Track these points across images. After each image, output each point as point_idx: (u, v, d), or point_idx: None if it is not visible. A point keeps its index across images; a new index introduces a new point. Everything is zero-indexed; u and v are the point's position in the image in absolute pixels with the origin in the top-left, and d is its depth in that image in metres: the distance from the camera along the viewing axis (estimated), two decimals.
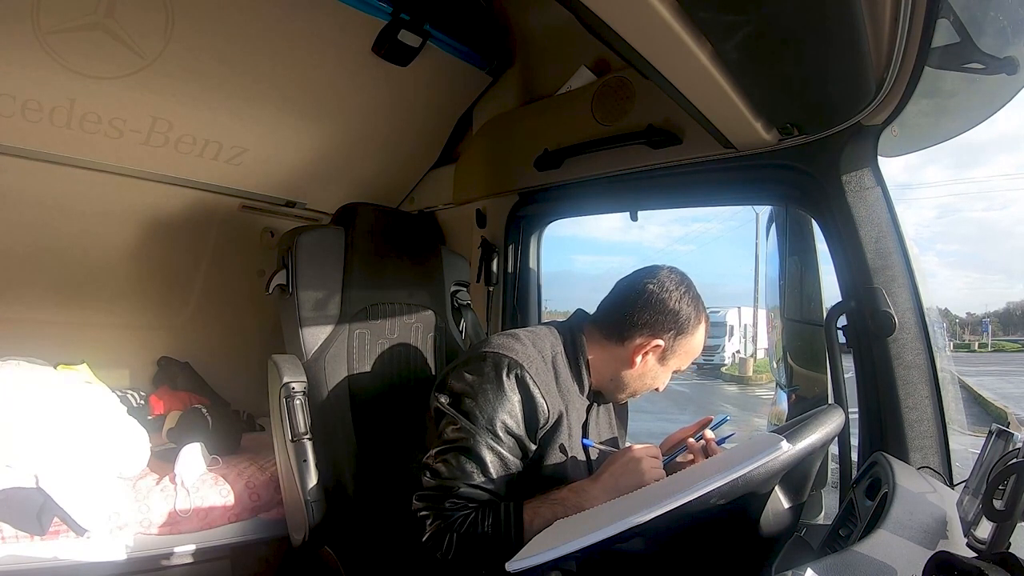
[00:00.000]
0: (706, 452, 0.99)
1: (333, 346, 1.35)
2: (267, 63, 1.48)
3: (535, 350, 1.03)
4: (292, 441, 1.27)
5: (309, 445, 1.28)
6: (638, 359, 1.06)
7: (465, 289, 1.60)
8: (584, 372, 1.08)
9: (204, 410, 1.84)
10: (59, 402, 1.52)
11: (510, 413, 0.97)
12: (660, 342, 1.05)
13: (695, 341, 1.08)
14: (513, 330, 1.09)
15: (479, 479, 0.95)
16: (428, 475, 0.98)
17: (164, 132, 1.59)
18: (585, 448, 1.09)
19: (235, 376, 2.26)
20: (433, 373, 1.45)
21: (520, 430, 0.98)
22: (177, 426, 1.81)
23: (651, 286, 1.06)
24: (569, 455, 1.05)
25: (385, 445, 1.34)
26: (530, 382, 0.98)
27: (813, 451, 0.82)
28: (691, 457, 1.01)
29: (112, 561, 1.43)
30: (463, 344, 1.54)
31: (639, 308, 1.05)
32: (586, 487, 0.95)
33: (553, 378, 1.04)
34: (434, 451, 0.99)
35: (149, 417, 1.98)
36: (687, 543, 0.99)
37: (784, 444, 0.74)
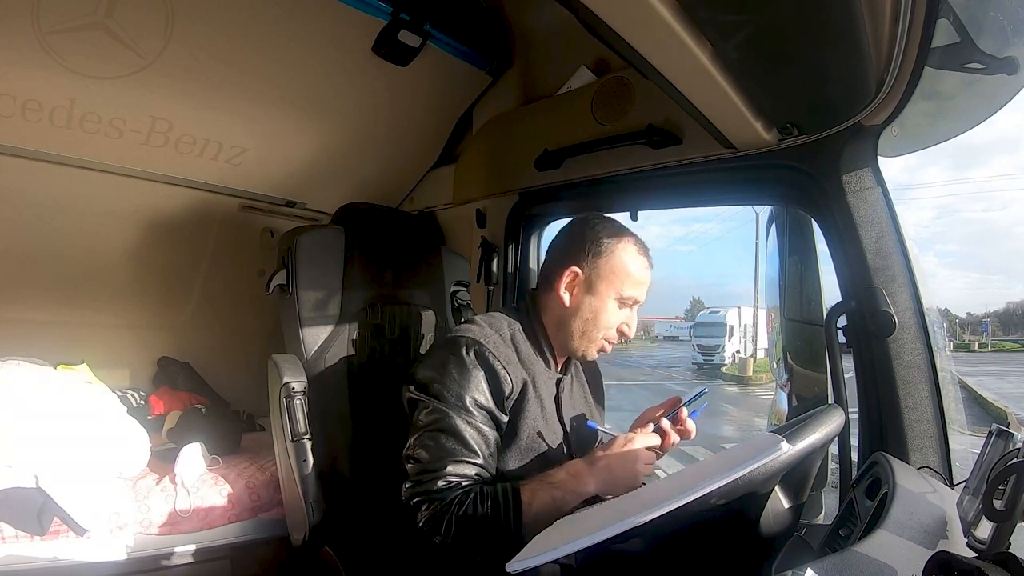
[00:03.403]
0: (682, 434, 1.04)
1: (333, 346, 1.35)
2: (267, 63, 1.48)
3: (491, 330, 1.08)
4: (292, 441, 1.27)
5: (309, 445, 1.28)
6: (565, 296, 1.09)
7: (465, 289, 1.60)
8: (544, 344, 1.12)
9: (204, 410, 1.84)
10: (59, 402, 1.52)
11: (477, 387, 1.01)
12: (576, 269, 1.09)
13: (616, 260, 1.08)
14: (470, 317, 1.14)
15: (463, 454, 0.98)
16: (412, 463, 1.01)
17: (164, 132, 1.59)
18: (562, 421, 1.12)
19: (235, 376, 2.26)
20: None
21: (489, 403, 1.02)
22: (177, 426, 1.81)
23: (564, 228, 1.14)
24: (545, 426, 1.08)
25: (385, 445, 1.34)
26: (489, 355, 1.02)
27: (813, 451, 0.82)
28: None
29: (112, 561, 1.43)
30: None
31: (557, 249, 1.13)
32: (581, 472, 0.97)
33: (514, 353, 1.08)
34: (412, 439, 1.02)
35: (149, 417, 1.99)
36: (687, 543, 0.99)
37: (784, 444, 0.74)
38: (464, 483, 0.97)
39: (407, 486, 1.00)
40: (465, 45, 1.61)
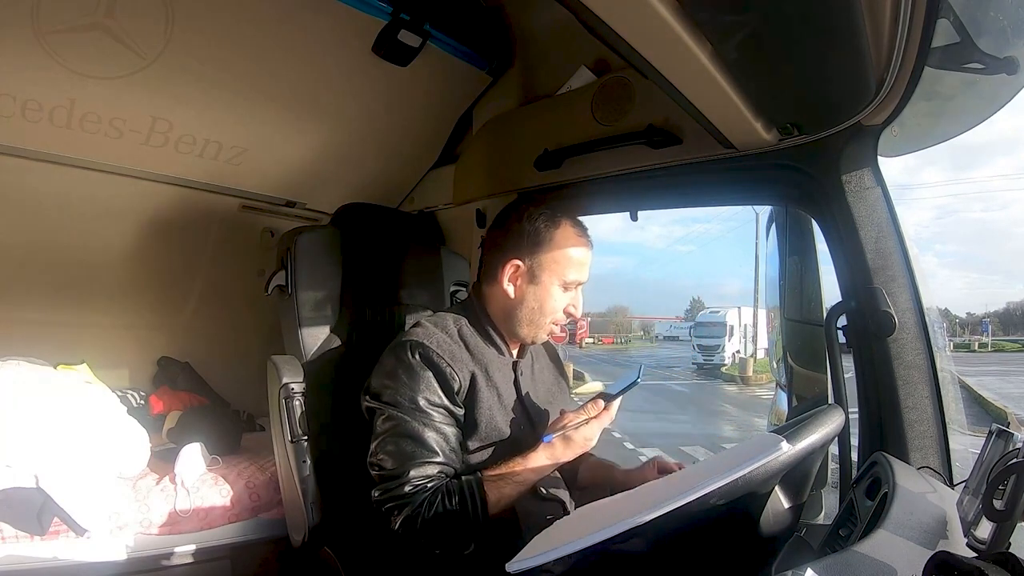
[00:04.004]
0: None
1: (333, 347, 1.35)
2: (267, 63, 1.48)
3: (436, 329, 1.10)
4: (291, 442, 1.27)
5: (308, 445, 1.28)
6: (509, 288, 1.12)
7: (465, 289, 1.60)
8: (493, 332, 1.14)
9: (204, 410, 1.84)
10: (59, 402, 1.52)
11: (427, 387, 1.04)
12: (517, 261, 1.11)
13: (556, 249, 1.10)
14: (419, 320, 1.16)
15: (424, 455, 1.01)
16: (376, 469, 1.04)
17: (164, 132, 1.59)
18: (522, 402, 1.14)
19: (235, 376, 2.26)
20: None
21: (443, 400, 1.05)
22: (177, 426, 1.81)
23: (498, 217, 1.17)
24: (503, 412, 1.10)
25: None
26: (433, 355, 1.05)
27: (813, 451, 0.82)
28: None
29: (112, 561, 1.43)
30: None
31: (490, 241, 1.16)
32: (533, 457, 1.02)
33: (462, 347, 1.10)
34: (374, 446, 1.05)
35: (149, 417, 1.98)
36: (687, 543, 0.99)
37: (784, 444, 0.74)
38: (429, 484, 1.00)
39: (376, 494, 1.03)
40: (465, 45, 1.61)
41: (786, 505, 0.89)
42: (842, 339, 1.13)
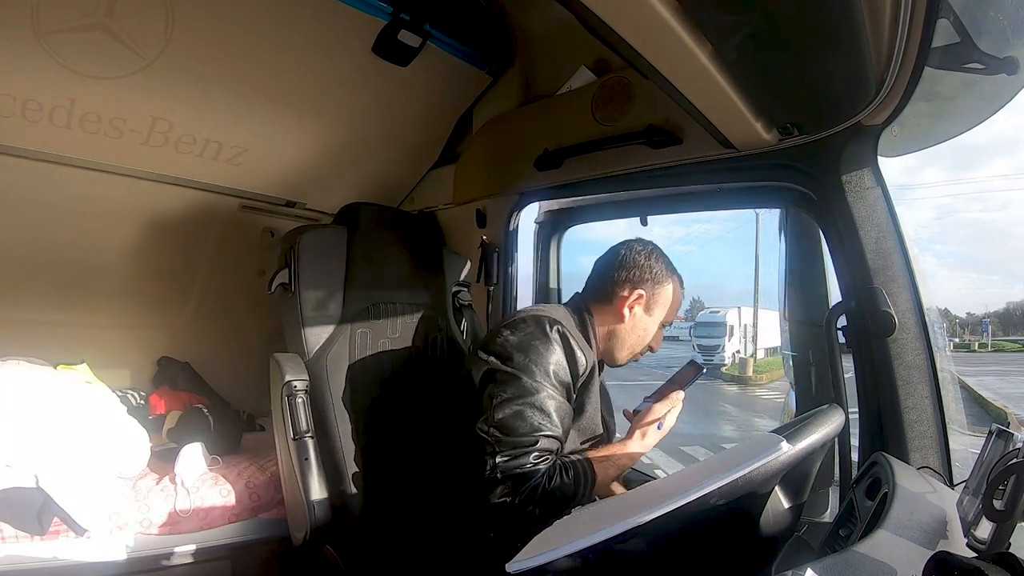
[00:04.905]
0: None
1: (335, 345, 1.35)
2: (267, 63, 1.48)
3: (567, 314, 1.17)
4: (294, 440, 1.27)
5: (311, 443, 1.28)
6: (626, 312, 1.19)
7: (466, 289, 1.60)
8: (593, 341, 1.19)
9: (204, 410, 1.84)
10: (59, 402, 1.52)
11: (558, 363, 1.07)
12: (641, 291, 1.19)
13: (671, 291, 1.22)
14: (537, 304, 1.23)
15: (549, 428, 1.02)
16: (498, 435, 1.01)
17: (164, 132, 1.59)
18: (609, 406, 1.24)
19: (235, 376, 2.26)
20: (433, 373, 1.45)
21: (568, 378, 1.08)
22: (177, 426, 1.81)
23: (623, 251, 1.23)
24: (596, 409, 1.16)
25: (386, 444, 1.34)
26: (569, 335, 1.10)
27: (813, 451, 0.82)
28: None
29: (112, 561, 1.43)
30: (464, 344, 1.54)
31: (618, 269, 1.21)
32: (630, 448, 1.09)
33: (583, 338, 1.16)
34: (494, 411, 1.03)
35: (149, 417, 1.98)
36: (687, 543, 0.99)
37: (784, 444, 0.74)
38: (550, 457, 1.02)
39: (498, 459, 1.00)
40: (465, 45, 1.61)
41: (786, 505, 0.89)
42: (842, 339, 1.13)
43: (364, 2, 1.38)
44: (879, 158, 1.10)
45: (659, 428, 1.11)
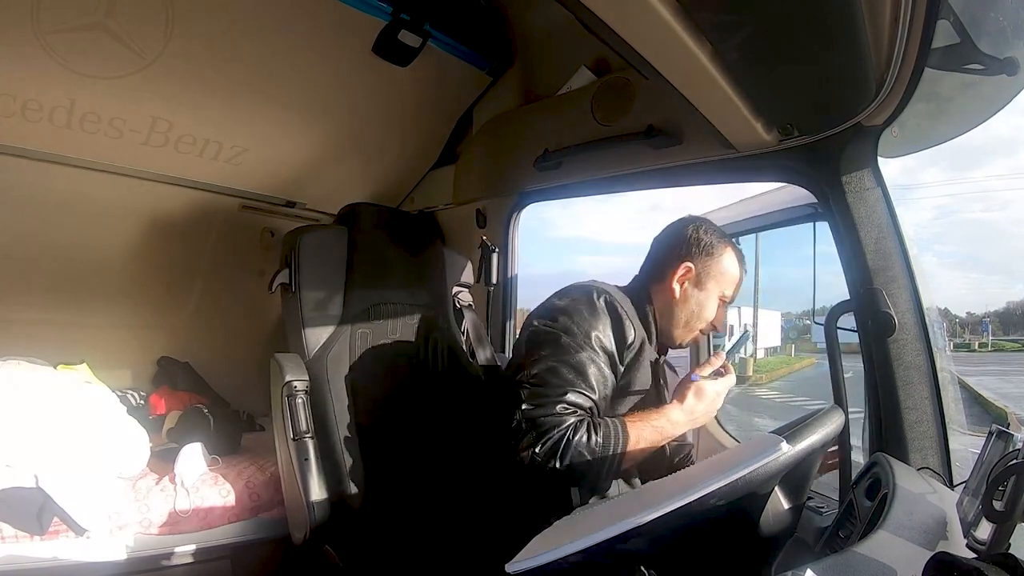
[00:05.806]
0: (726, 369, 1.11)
1: (335, 345, 1.35)
2: (267, 63, 1.48)
3: (615, 288, 1.15)
4: (294, 440, 1.27)
5: (311, 444, 1.28)
6: (676, 287, 1.17)
7: (467, 290, 1.60)
8: (652, 323, 1.17)
9: (204, 410, 1.83)
10: (59, 402, 1.52)
11: (602, 330, 1.06)
12: (689, 264, 1.17)
13: (724, 263, 1.18)
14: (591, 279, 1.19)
15: (581, 387, 1.01)
16: (530, 386, 1.01)
17: (164, 132, 1.59)
18: (667, 383, 1.19)
19: (235, 376, 2.25)
20: (434, 373, 1.45)
21: (612, 347, 1.07)
22: (177, 426, 1.81)
23: (672, 226, 1.22)
24: (649, 387, 1.12)
25: (386, 444, 1.34)
26: (617, 305, 1.09)
27: (813, 451, 0.82)
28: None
29: (112, 561, 1.43)
30: (464, 344, 1.54)
31: (667, 246, 1.20)
32: (671, 414, 1.04)
33: (635, 313, 1.13)
34: (535, 369, 1.03)
35: (149, 417, 1.98)
36: (687, 543, 0.99)
37: (784, 445, 0.74)
38: (579, 412, 0.99)
39: (524, 406, 0.99)
40: (465, 45, 1.61)
41: (786, 505, 0.89)
42: (843, 339, 1.13)
43: (364, 2, 1.38)
44: (879, 159, 1.10)
45: (697, 387, 1.06)
